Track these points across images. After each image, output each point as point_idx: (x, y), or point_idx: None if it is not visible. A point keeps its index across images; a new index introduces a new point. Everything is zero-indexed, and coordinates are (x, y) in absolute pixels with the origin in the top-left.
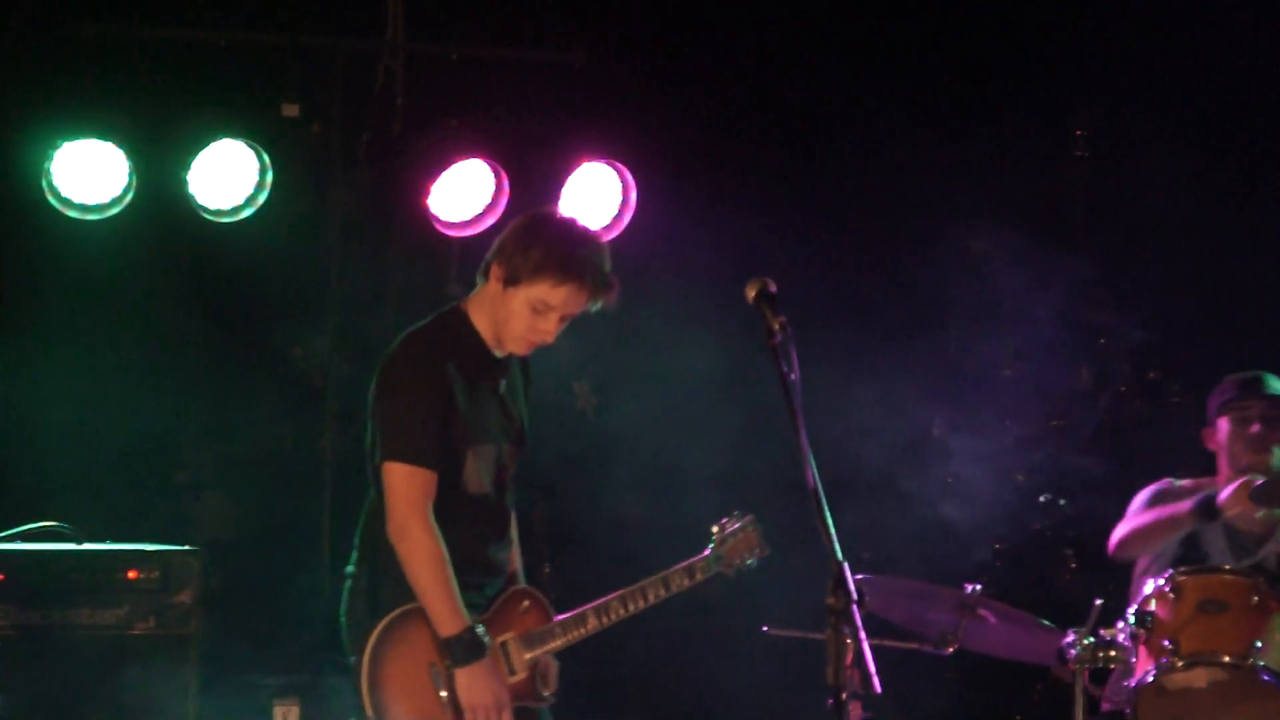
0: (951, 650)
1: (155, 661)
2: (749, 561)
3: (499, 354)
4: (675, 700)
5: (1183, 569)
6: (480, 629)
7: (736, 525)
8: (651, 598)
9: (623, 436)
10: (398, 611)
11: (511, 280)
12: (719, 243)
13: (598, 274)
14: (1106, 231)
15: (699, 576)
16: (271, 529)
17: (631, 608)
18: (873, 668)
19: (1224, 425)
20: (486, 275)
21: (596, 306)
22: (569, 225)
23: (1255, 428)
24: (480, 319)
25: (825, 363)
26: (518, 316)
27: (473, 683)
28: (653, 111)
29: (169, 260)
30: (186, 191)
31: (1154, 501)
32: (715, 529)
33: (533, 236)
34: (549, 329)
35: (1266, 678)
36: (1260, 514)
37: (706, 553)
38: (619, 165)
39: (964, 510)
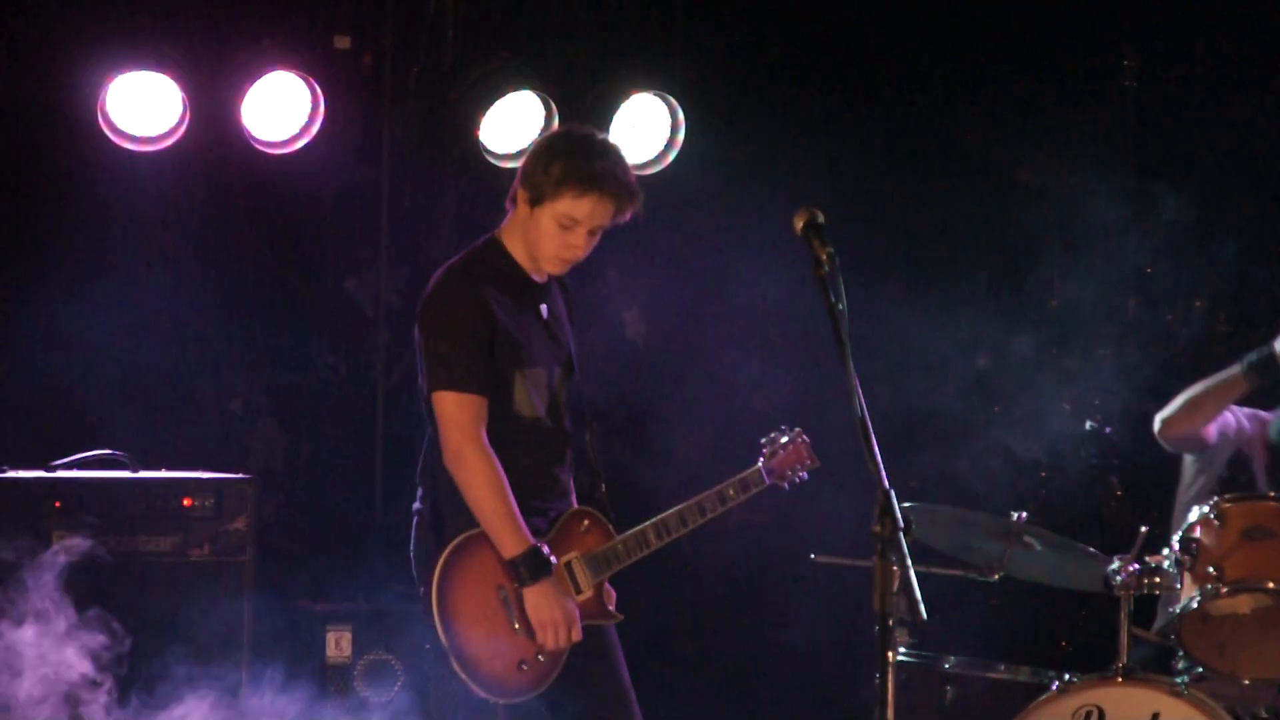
0: (997, 577)
1: (210, 588)
2: (800, 473)
3: (538, 279)
4: (725, 627)
5: (1228, 496)
6: (544, 548)
7: (785, 439)
8: (709, 512)
9: (672, 364)
10: (461, 537)
11: (536, 199)
12: (769, 174)
13: (619, 183)
14: (1154, 161)
15: (753, 489)
16: (324, 458)
17: (691, 523)
18: (918, 594)
19: None
20: (515, 201)
21: (624, 217)
22: (586, 138)
23: None
24: (514, 245)
25: (875, 294)
26: (547, 235)
27: (540, 600)
28: (703, 43)
29: (223, 192)
30: (240, 123)
31: None
32: (764, 441)
33: (552, 154)
34: (579, 244)
35: None
36: None
37: (758, 464)
38: (668, 97)
39: (1010, 439)
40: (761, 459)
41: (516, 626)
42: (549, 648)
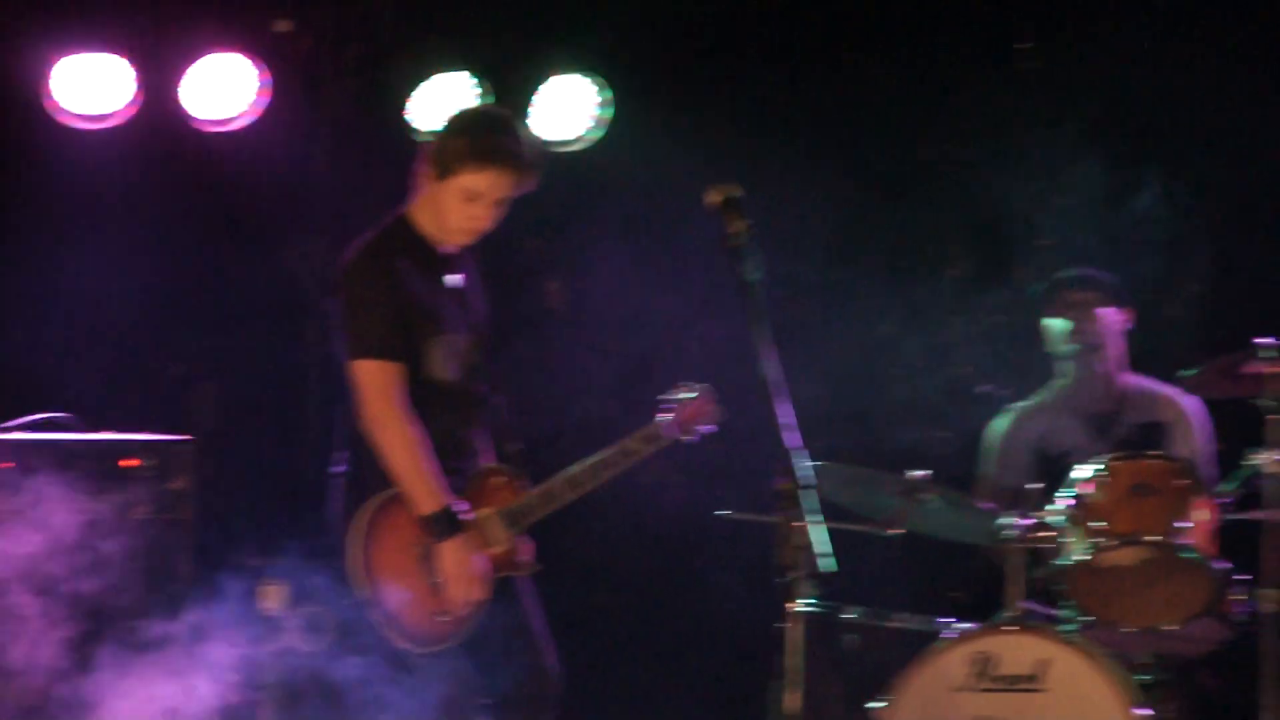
0: (897, 532)
1: (151, 544)
2: (704, 427)
3: (446, 250)
4: (640, 579)
5: (1116, 454)
6: (457, 506)
7: (690, 393)
8: (614, 466)
9: (590, 331)
10: (380, 497)
11: (442, 174)
12: (693, 151)
13: (517, 157)
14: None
15: (656, 443)
16: (261, 420)
17: (598, 477)
18: (823, 548)
19: None
20: (419, 177)
21: (527, 188)
22: (486, 114)
23: None
24: (423, 218)
25: (799, 268)
26: (453, 208)
27: (453, 556)
28: (628, 25)
29: (167, 167)
30: (183, 102)
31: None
32: (669, 396)
33: (455, 131)
34: (483, 215)
35: (1189, 555)
36: None
37: (664, 418)
38: (593, 77)
39: (911, 400)
40: (664, 413)
41: (433, 581)
42: (460, 601)
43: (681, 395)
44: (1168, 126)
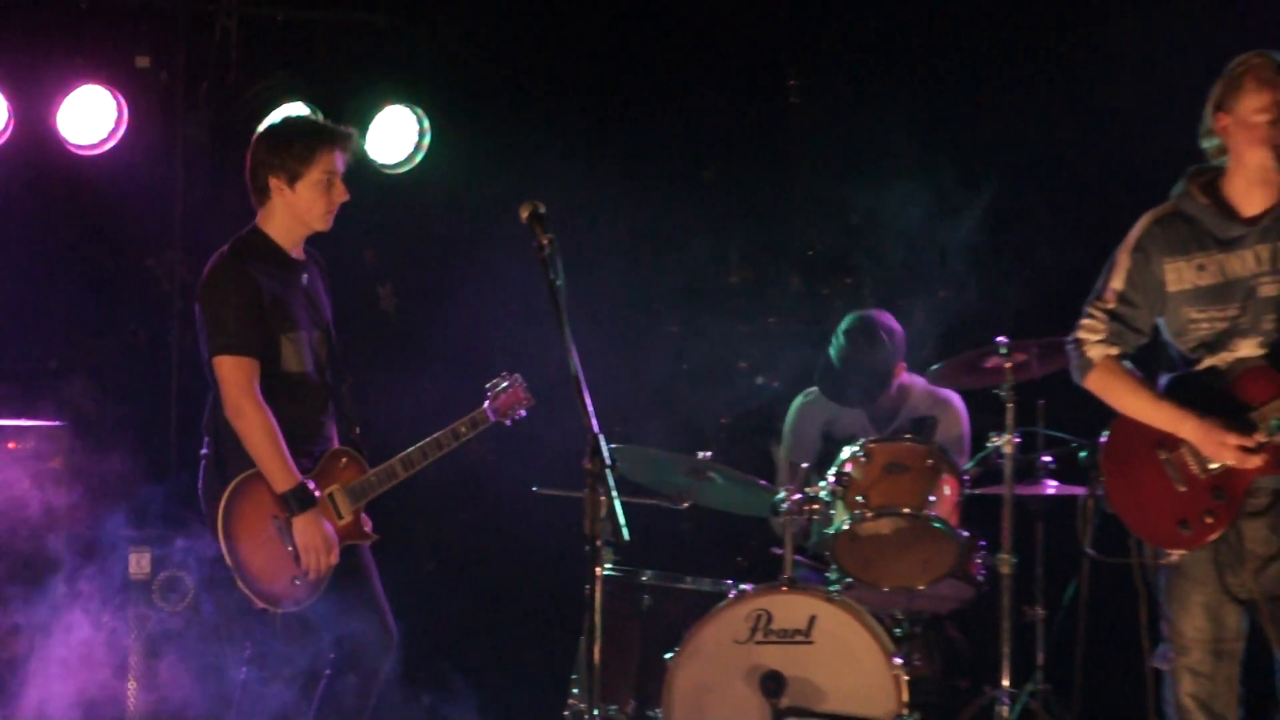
0: (686, 505)
1: (32, 519)
2: (519, 411)
3: (296, 256)
4: (463, 547)
5: (873, 438)
6: (310, 484)
7: (505, 383)
8: (445, 446)
9: (417, 330)
10: (241, 477)
11: (293, 178)
12: (504, 173)
13: (335, 131)
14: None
15: (481, 426)
16: (129, 409)
17: (430, 456)
18: (622, 520)
19: None
20: (262, 194)
21: (350, 155)
22: (291, 117)
23: None
24: (274, 229)
25: (597, 274)
26: (315, 199)
27: (306, 527)
28: (447, 65)
29: (43, 186)
30: (56, 128)
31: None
32: (488, 386)
33: (280, 140)
34: (341, 190)
35: (937, 525)
36: None
37: (485, 405)
38: (415, 108)
39: (698, 390)
40: (487, 400)
41: (289, 549)
42: (313, 566)
43: (500, 385)
44: (919, 147)
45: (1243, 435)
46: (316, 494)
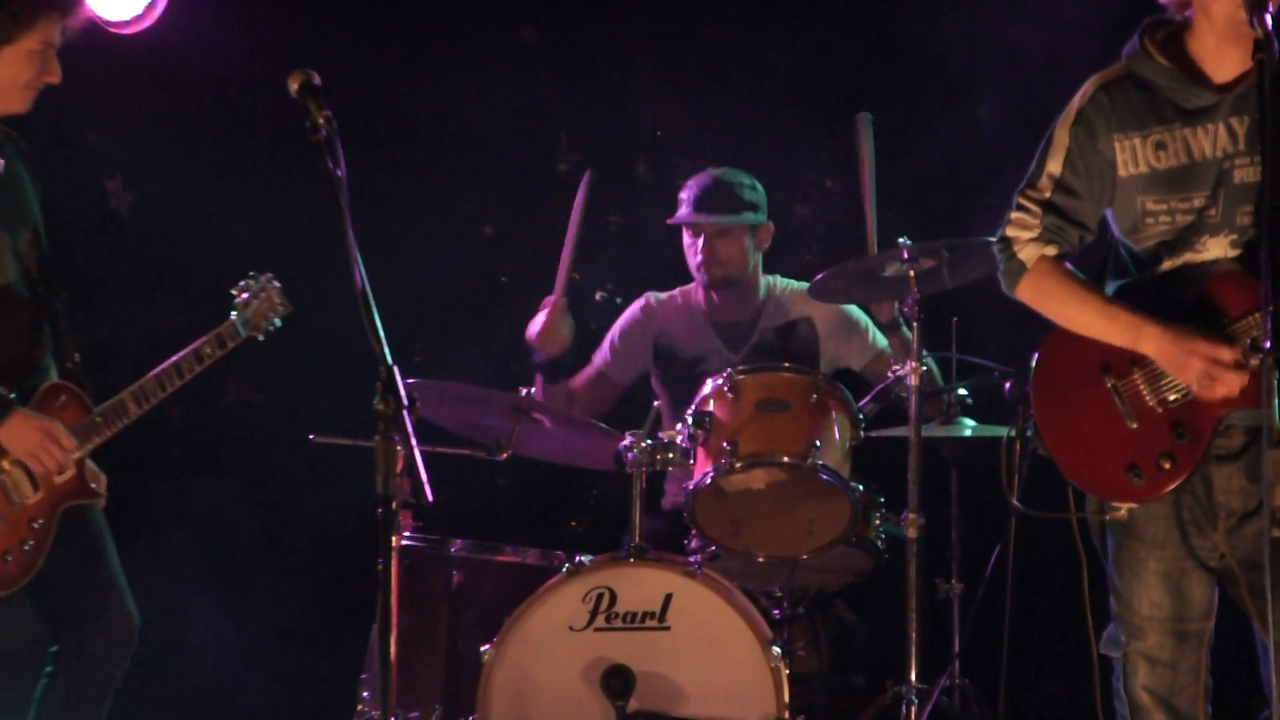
0: (506, 456)
1: None
2: (275, 321)
3: None
4: (220, 512)
5: (742, 367)
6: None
7: (256, 286)
8: (187, 372)
9: (155, 233)
10: None
11: (3, 42)
12: (254, 41)
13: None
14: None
15: (230, 343)
16: None
17: (170, 386)
18: (424, 475)
19: None
20: None
21: (73, 28)
22: None
23: None
24: None
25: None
26: (23, 69)
27: (15, 434)
28: None
29: None
30: None
31: None
32: (235, 292)
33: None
34: (55, 67)
35: (826, 477)
36: None
37: (233, 318)
38: None
39: (520, 309)
40: (235, 313)
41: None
42: (50, 467)
43: (249, 289)
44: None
45: (1221, 346)
46: (12, 396)
